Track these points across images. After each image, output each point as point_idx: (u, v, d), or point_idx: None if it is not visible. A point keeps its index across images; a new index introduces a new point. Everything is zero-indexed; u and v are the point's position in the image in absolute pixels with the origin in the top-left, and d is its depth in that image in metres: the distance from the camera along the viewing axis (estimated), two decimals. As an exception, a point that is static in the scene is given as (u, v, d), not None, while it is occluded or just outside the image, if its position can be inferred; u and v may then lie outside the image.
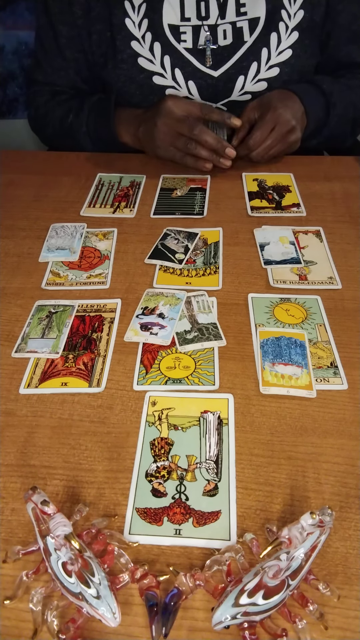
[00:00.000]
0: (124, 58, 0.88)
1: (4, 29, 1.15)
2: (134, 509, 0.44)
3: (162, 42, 0.86)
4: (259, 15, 0.85)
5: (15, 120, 1.25)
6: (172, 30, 0.86)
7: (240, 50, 0.87)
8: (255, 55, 0.87)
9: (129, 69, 0.89)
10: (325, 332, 0.59)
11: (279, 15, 0.85)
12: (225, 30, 0.86)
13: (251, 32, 0.86)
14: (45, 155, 1.00)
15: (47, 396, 0.53)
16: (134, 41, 0.87)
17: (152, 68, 0.88)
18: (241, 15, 0.85)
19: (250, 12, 0.85)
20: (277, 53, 0.87)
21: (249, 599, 0.35)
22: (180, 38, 0.86)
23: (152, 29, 0.86)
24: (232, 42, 0.86)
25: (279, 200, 0.82)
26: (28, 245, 0.74)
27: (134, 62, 0.88)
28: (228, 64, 0.87)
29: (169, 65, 0.87)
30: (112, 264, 0.70)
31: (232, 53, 0.87)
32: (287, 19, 0.86)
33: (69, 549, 0.35)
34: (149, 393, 0.53)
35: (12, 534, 0.42)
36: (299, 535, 0.36)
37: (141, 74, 0.88)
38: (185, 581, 0.37)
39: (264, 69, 0.88)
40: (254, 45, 0.86)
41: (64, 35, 0.91)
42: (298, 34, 0.87)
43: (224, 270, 0.68)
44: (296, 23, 0.86)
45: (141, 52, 0.87)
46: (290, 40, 0.87)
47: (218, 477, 0.46)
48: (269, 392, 0.53)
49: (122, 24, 0.86)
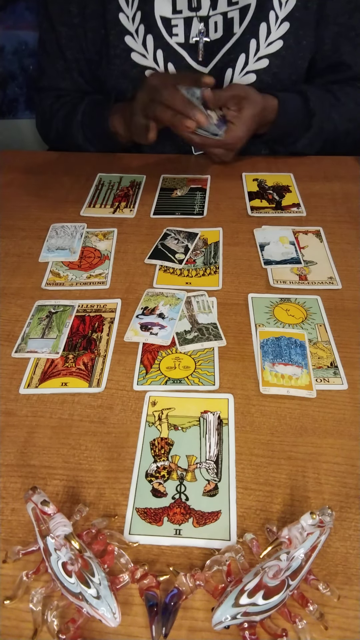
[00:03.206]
0: (117, 53, 0.88)
1: (4, 29, 1.15)
2: (134, 509, 0.44)
3: (155, 34, 0.85)
4: (249, 3, 0.84)
5: (15, 120, 1.25)
6: (164, 23, 0.85)
7: (228, 43, 0.86)
8: (244, 46, 0.86)
9: (122, 64, 0.88)
10: (325, 332, 0.59)
11: (269, 3, 0.84)
12: (217, 22, 0.85)
13: (241, 22, 0.85)
14: (45, 155, 1.00)
15: (47, 396, 0.53)
16: (128, 36, 0.86)
17: (145, 62, 0.87)
18: (232, 4, 0.84)
19: (241, 0, 0.84)
20: (267, 44, 0.86)
21: (249, 599, 0.35)
22: (172, 32, 0.86)
23: (145, 21, 0.85)
24: (222, 35, 0.86)
25: (279, 200, 0.82)
26: (28, 245, 0.74)
27: (127, 57, 0.87)
28: (217, 57, 0.87)
29: (161, 59, 0.87)
30: (112, 264, 0.70)
31: (221, 47, 0.86)
32: (277, 7, 0.84)
33: (69, 549, 0.35)
34: (149, 393, 0.53)
35: (12, 534, 0.42)
36: (299, 535, 0.36)
37: (134, 69, 0.88)
38: (185, 581, 0.37)
39: (253, 61, 0.87)
40: (242, 36, 0.85)
41: (63, 35, 0.91)
42: (289, 24, 0.85)
43: (224, 270, 0.68)
44: (287, 12, 0.84)
45: (134, 47, 0.87)
46: (280, 31, 0.85)
47: (218, 477, 0.46)
48: (269, 392, 0.53)
49: (116, 19, 0.86)
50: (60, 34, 0.91)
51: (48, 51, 0.95)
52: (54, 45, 0.93)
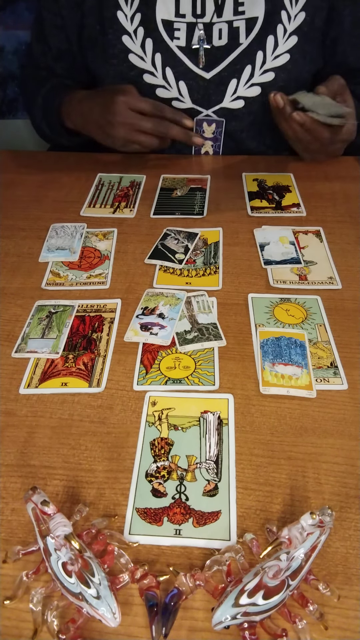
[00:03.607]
0: (114, 53, 0.86)
1: (4, 29, 1.15)
2: (134, 509, 0.44)
3: (155, 38, 0.84)
4: (257, 15, 0.83)
5: (15, 120, 1.25)
6: (165, 26, 0.84)
7: (234, 52, 0.85)
8: (250, 58, 0.85)
9: (119, 65, 0.87)
10: (325, 332, 0.59)
11: (278, 17, 0.83)
12: (221, 29, 0.84)
13: (247, 33, 0.84)
14: (45, 155, 1.00)
15: (47, 396, 0.53)
16: (125, 36, 0.85)
17: (143, 65, 0.86)
18: (239, 14, 0.83)
19: (248, 11, 0.83)
20: (273, 57, 0.85)
21: (249, 599, 0.35)
22: (173, 35, 0.84)
23: (145, 23, 0.84)
24: (227, 42, 0.84)
25: (279, 200, 0.82)
26: (28, 245, 0.74)
27: (125, 58, 0.86)
28: (221, 65, 0.85)
29: (159, 63, 0.85)
30: (112, 264, 0.70)
31: (226, 55, 0.85)
32: (286, 21, 0.83)
33: (69, 549, 0.35)
34: (149, 393, 0.53)
35: (12, 534, 0.42)
36: (299, 535, 0.36)
37: (131, 71, 0.87)
38: (185, 581, 0.37)
39: (258, 73, 0.85)
40: (249, 47, 0.84)
41: (47, 22, 0.92)
42: (297, 38, 0.84)
43: (224, 270, 0.68)
44: (296, 26, 0.84)
45: (132, 48, 0.85)
46: (288, 45, 0.84)
47: (218, 477, 0.46)
48: (269, 392, 0.53)
49: (114, 17, 0.84)
50: (44, 19, 0.92)
51: (35, 30, 0.96)
52: (39, 26, 0.94)
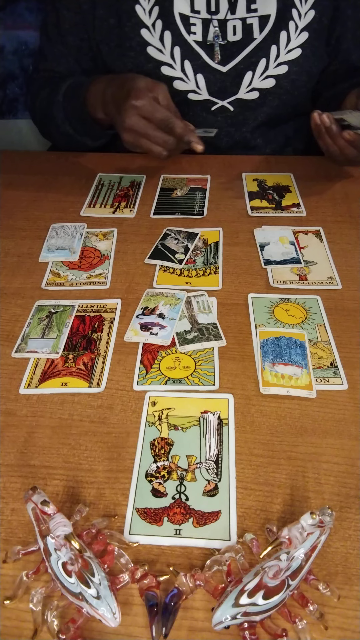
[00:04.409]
0: (132, 45, 0.87)
1: (4, 29, 1.15)
2: (134, 509, 0.44)
3: (173, 31, 0.85)
4: (269, 13, 0.85)
5: (15, 120, 1.25)
6: (182, 20, 0.85)
7: (249, 46, 0.87)
8: (265, 51, 0.87)
9: (137, 57, 0.87)
10: (325, 332, 0.59)
11: (289, 14, 0.85)
12: (235, 25, 0.86)
13: (261, 29, 0.86)
14: (45, 155, 1.00)
15: (47, 396, 0.53)
16: (144, 29, 0.85)
17: (161, 58, 0.87)
18: (251, 12, 0.85)
19: (260, 9, 0.85)
20: (286, 51, 0.87)
21: (249, 599, 0.35)
22: (190, 30, 0.86)
23: (163, 17, 0.85)
24: (242, 38, 0.86)
25: (279, 200, 0.82)
26: (28, 245, 0.74)
27: (142, 51, 0.87)
28: (237, 59, 0.87)
29: (178, 56, 0.86)
30: (112, 264, 0.70)
31: (242, 49, 0.87)
32: (297, 18, 0.86)
33: (69, 549, 0.35)
34: (149, 393, 0.53)
35: (12, 534, 0.42)
36: (299, 535, 0.36)
37: (149, 64, 0.87)
38: (185, 581, 0.37)
39: (273, 66, 0.88)
40: (263, 41, 0.86)
41: (67, 20, 0.90)
42: (308, 34, 0.87)
43: (224, 270, 0.68)
44: (306, 23, 0.86)
45: (150, 41, 0.86)
46: (299, 40, 0.87)
47: (218, 477, 0.46)
48: (269, 392, 0.53)
49: (132, 10, 0.85)
50: (64, 18, 0.90)
51: (49, 34, 0.94)
52: (55, 28, 0.92)
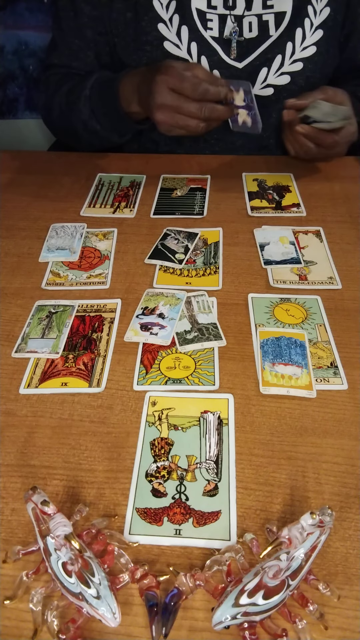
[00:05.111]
0: (148, 40, 0.86)
1: (4, 29, 1.15)
2: (134, 509, 0.44)
3: (190, 26, 0.85)
4: (285, 10, 0.85)
5: (15, 120, 1.25)
6: (199, 16, 0.85)
7: (265, 43, 0.87)
8: (280, 48, 0.87)
9: (153, 52, 0.87)
10: (325, 332, 0.59)
11: (305, 12, 0.86)
12: (251, 22, 0.86)
13: (277, 26, 0.86)
14: (45, 155, 1.00)
15: (47, 396, 0.53)
16: (161, 24, 0.85)
17: (178, 53, 0.87)
18: (267, 8, 0.85)
19: (277, 6, 0.85)
20: (302, 48, 0.87)
21: (249, 599, 0.35)
22: (207, 25, 0.86)
23: (180, 11, 0.85)
24: (258, 35, 0.86)
25: (279, 200, 0.82)
26: (28, 245, 0.74)
27: (159, 45, 0.86)
28: (252, 55, 0.88)
29: (195, 52, 0.86)
30: (112, 264, 0.70)
31: (257, 45, 0.87)
32: (312, 15, 0.86)
33: (69, 549, 0.35)
34: (149, 393, 0.53)
35: (12, 534, 0.42)
36: (299, 535, 0.36)
37: (165, 58, 0.86)
38: (185, 581, 0.37)
39: (288, 63, 0.88)
40: (279, 38, 0.86)
41: (86, 13, 0.89)
42: (323, 32, 0.87)
43: (224, 270, 0.68)
44: (321, 20, 0.87)
45: (168, 36, 0.86)
46: (314, 37, 0.87)
47: (218, 477, 0.46)
48: (269, 392, 0.53)
49: (150, 5, 0.85)
50: (82, 10, 0.89)
51: (63, 28, 0.92)
52: (72, 22, 0.90)
